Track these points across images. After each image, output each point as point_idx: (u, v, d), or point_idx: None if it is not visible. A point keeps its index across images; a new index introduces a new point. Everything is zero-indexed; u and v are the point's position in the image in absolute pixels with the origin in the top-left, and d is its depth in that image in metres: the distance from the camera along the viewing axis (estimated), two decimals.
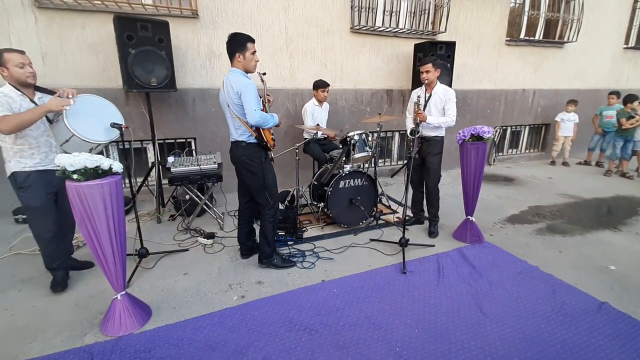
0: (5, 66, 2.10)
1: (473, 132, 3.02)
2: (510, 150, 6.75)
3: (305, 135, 4.16)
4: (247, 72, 2.44)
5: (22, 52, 2.16)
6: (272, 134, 2.62)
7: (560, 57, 6.37)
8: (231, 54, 2.39)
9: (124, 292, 2.03)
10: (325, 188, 3.30)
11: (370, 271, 2.69)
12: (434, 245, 3.09)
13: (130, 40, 3.19)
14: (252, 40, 2.40)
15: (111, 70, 3.71)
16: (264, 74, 2.67)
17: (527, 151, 6.93)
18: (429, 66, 3.01)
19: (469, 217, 3.22)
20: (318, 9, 4.45)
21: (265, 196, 2.59)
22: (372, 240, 3.20)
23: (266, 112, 2.53)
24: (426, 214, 3.48)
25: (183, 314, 2.17)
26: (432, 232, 3.29)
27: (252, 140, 2.48)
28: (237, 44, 2.36)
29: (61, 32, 3.51)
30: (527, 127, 6.73)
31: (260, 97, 2.52)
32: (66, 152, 2.19)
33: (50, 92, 2.31)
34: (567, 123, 6.13)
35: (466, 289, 2.45)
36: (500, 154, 6.59)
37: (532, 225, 3.63)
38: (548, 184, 5.16)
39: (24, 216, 3.26)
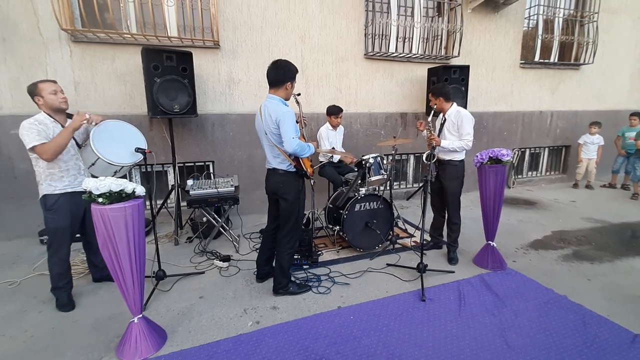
0: (40, 95, 2.27)
1: (491, 155, 2.98)
2: (530, 173, 6.59)
3: (321, 158, 4.20)
4: (286, 100, 2.45)
5: (54, 81, 2.32)
6: (311, 162, 2.61)
7: (577, 79, 6.31)
8: (280, 82, 2.36)
9: (140, 316, 2.04)
10: (341, 211, 3.29)
11: (387, 298, 2.61)
12: (453, 272, 2.99)
13: (156, 70, 3.37)
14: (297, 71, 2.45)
15: (137, 97, 3.91)
16: (299, 94, 2.68)
17: (547, 173, 6.75)
18: (430, 96, 3.11)
19: (489, 242, 3.12)
20: (333, 37, 4.62)
21: (293, 225, 2.55)
22: (388, 265, 3.13)
23: (303, 136, 2.52)
24: (445, 239, 3.40)
25: (198, 339, 2.14)
26: (452, 259, 3.18)
27: (292, 169, 2.45)
28: (291, 74, 2.38)
29: (93, 63, 3.76)
30: (546, 149, 6.60)
31: (297, 122, 2.48)
32: (93, 175, 2.30)
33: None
34: (589, 146, 5.98)
35: (490, 319, 2.34)
36: (519, 176, 6.44)
37: (557, 251, 3.48)
38: (572, 208, 4.97)
39: None
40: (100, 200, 1.80)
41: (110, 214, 1.80)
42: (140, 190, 1.93)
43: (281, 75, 2.36)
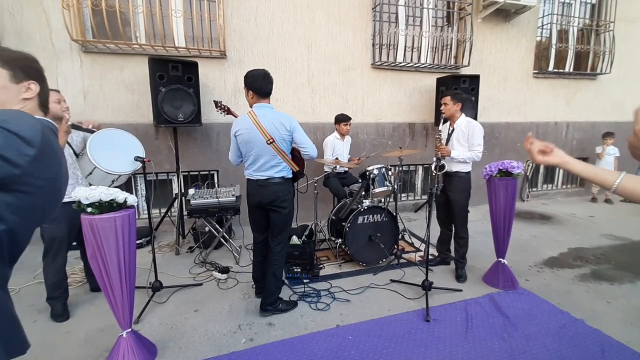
0: None
1: (501, 167, 2.84)
2: (545, 186, 6.34)
3: (325, 169, 4.12)
4: None
5: (57, 91, 2.34)
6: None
7: (594, 89, 6.09)
8: (270, 92, 2.39)
9: (129, 330, 1.97)
10: (343, 224, 3.19)
11: (389, 317, 2.48)
12: (461, 290, 2.84)
13: (162, 80, 3.39)
14: None
15: (144, 106, 3.94)
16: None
17: (564, 187, 6.49)
18: (447, 99, 2.94)
19: (500, 259, 2.96)
20: (340, 47, 4.59)
21: (288, 232, 2.54)
22: (392, 281, 3.00)
23: None
24: (452, 254, 3.24)
25: (188, 356, 2.06)
26: (460, 276, 3.02)
27: (289, 174, 2.47)
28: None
29: (102, 73, 3.82)
30: None
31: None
32: (91, 184, 2.28)
33: (78, 127, 2.45)
34: (606, 157, 5.73)
35: (499, 344, 2.18)
36: (534, 189, 6.21)
37: (574, 270, 3.27)
38: (590, 223, 4.72)
39: None
40: (89, 210, 1.76)
41: (99, 224, 1.76)
42: (132, 200, 1.89)
43: (272, 85, 2.40)
